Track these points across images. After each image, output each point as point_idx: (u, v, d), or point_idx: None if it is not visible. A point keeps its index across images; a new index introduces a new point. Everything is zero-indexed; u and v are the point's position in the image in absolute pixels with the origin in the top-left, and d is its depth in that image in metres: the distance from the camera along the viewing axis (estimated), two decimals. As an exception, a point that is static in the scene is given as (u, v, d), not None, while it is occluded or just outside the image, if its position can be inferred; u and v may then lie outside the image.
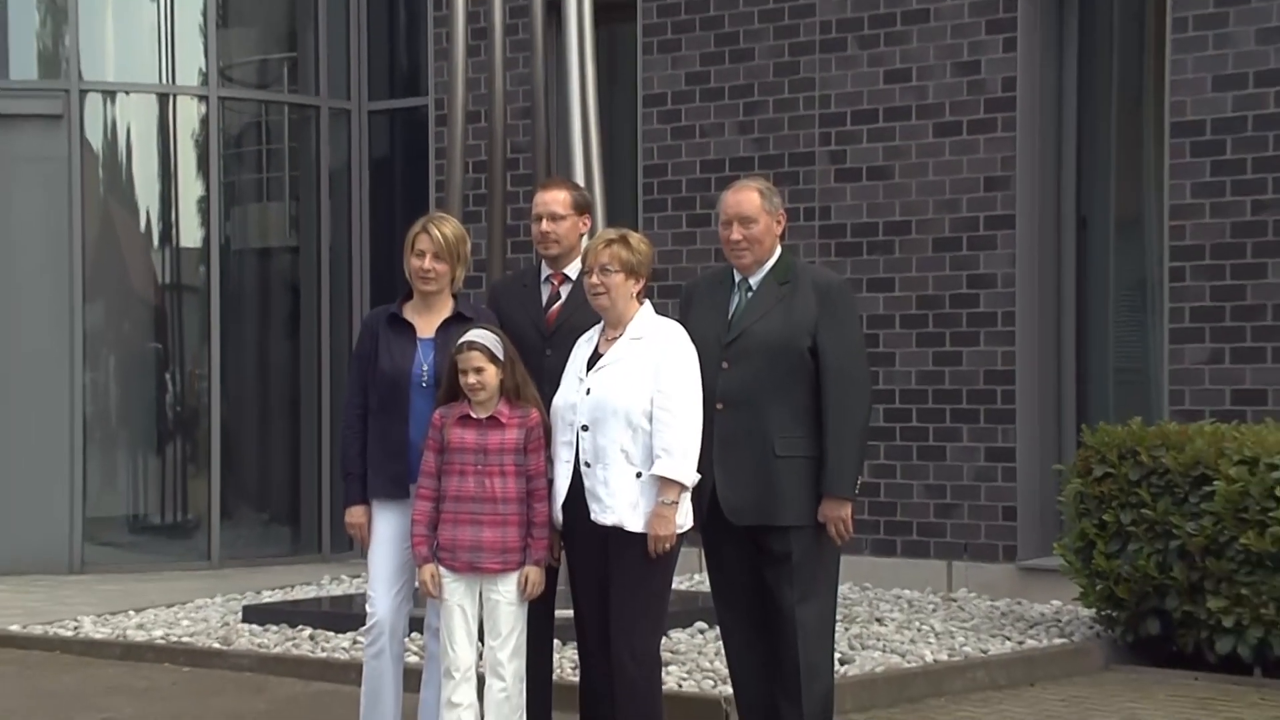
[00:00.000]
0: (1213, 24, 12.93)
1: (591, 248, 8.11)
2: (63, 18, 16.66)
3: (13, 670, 11.83)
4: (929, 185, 14.02)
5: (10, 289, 16.54)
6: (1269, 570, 10.61)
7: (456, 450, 8.02)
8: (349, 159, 17.70)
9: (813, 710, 8.17)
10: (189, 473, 17.08)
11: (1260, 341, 12.71)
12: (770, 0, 14.71)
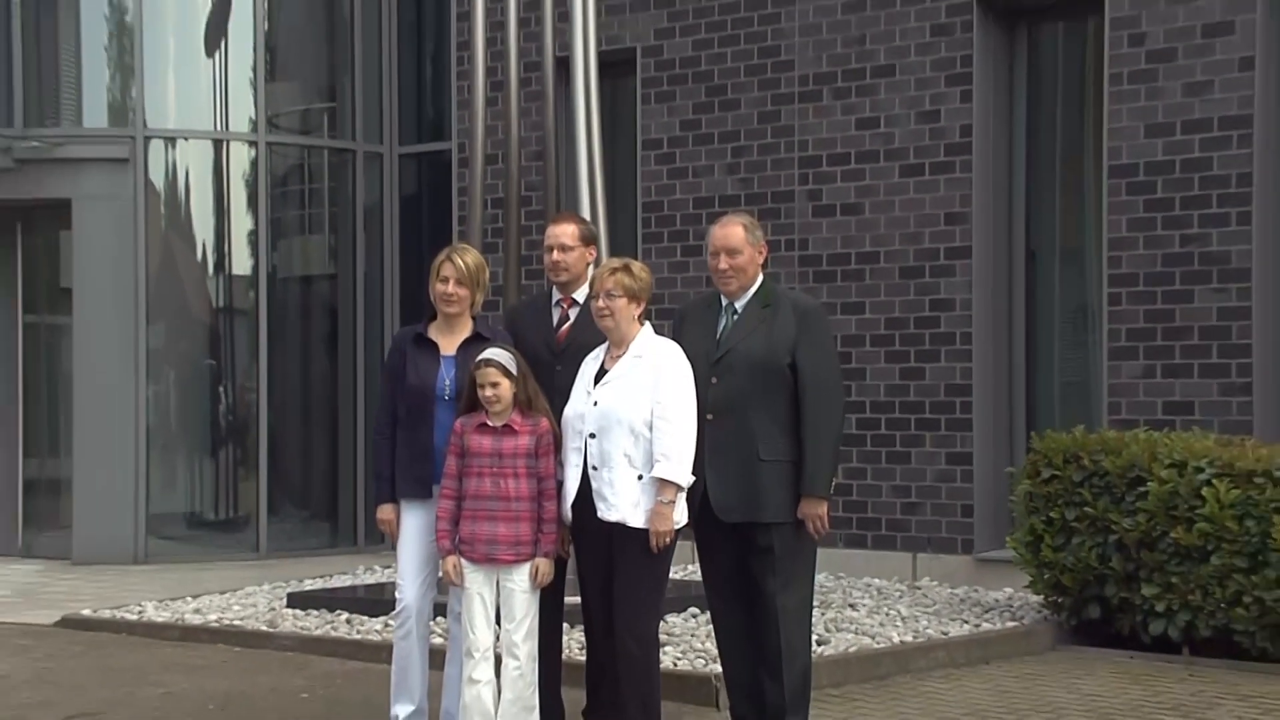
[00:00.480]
0: (1145, 79, 12.94)
1: (598, 275, 8.13)
2: (130, 72, 16.66)
3: (84, 649, 11.83)
4: (895, 220, 14.00)
5: (83, 312, 16.56)
6: (1195, 561, 10.63)
7: (475, 455, 8.04)
8: (381, 197, 17.69)
9: (793, 686, 8.17)
10: (239, 474, 17.07)
11: (1188, 359, 12.71)
12: (754, 56, 14.72)
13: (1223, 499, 10.50)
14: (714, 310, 8.36)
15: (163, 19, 16.82)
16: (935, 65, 13.88)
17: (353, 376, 17.44)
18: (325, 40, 17.69)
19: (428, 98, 17.87)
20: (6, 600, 14.15)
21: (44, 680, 10.81)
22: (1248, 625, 10.53)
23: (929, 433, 13.84)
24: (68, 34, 16.95)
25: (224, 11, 16.99)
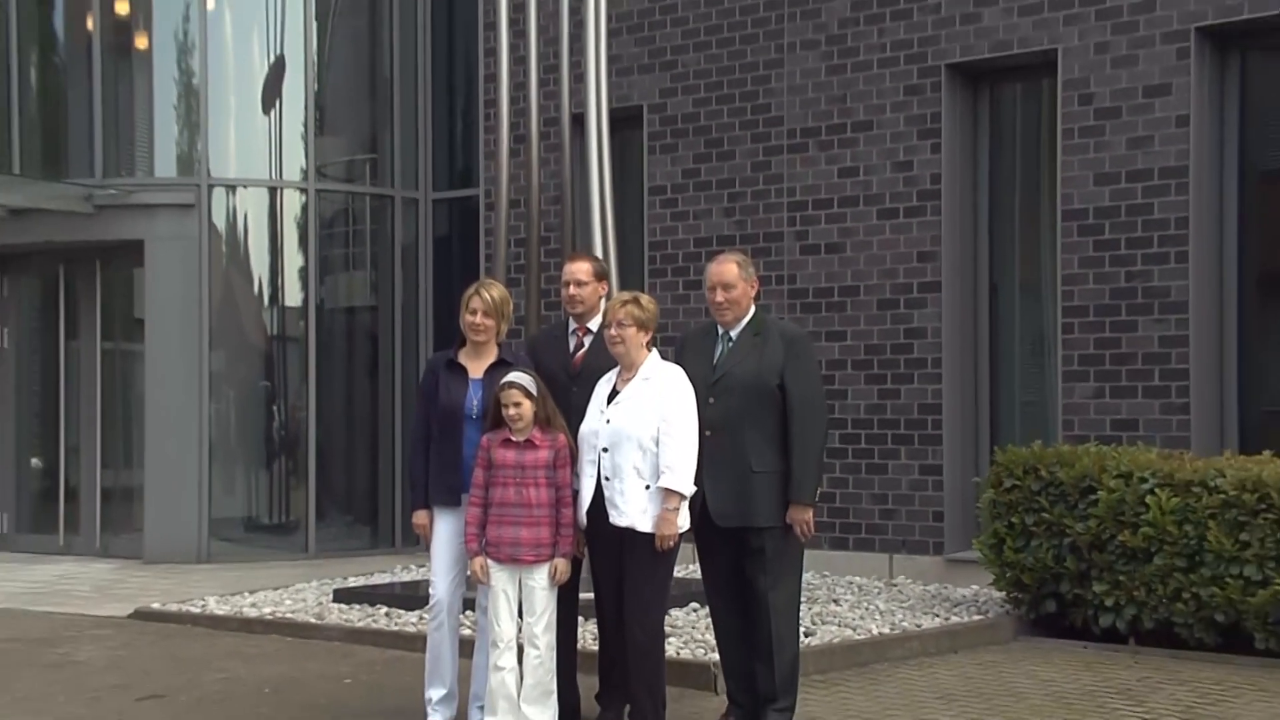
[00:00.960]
0: (1094, 134, 12.93)
1: (610, 307, 8.18)
2: (195, 128, 16.67)
3: (153, 639, 11.81)
4: (873, 258, 13.97)
5: (154, 340, 16.57)
6: (1140, 561, 10.64)
7: (500, 467, 8.05)
8: (417, 237, 17.68)
9: (783, 673, 8.17)
10: (291, 483, 17.04)
11: (1133, 381, 12.69)
12: (748, 112, 14.72)
13: (1164, 506, 10.51)
14: (711, 338, 8.37)
15: (224, 80, 16.84)
16: (908, 121, 13.87)
17: (391, 396, 17.42)
18: (367, 98, 17.69)
19: (458, 149, 17.86)
20: (86, 595, 14.14)
21: (118, 666, 10.81)
22: (1186, 618, 10.53)
23: (904, 447, 13.80)
24: (142, 94, 16.98)
25: (278, 73, 17.01)
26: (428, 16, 17.79)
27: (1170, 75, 12.66)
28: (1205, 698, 9.25)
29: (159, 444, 16.49)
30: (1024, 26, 13.37)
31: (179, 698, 9.65)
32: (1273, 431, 12.20)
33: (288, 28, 17.01)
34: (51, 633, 12.24)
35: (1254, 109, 12.85)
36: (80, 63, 17.11)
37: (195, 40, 16.79)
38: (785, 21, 14.56)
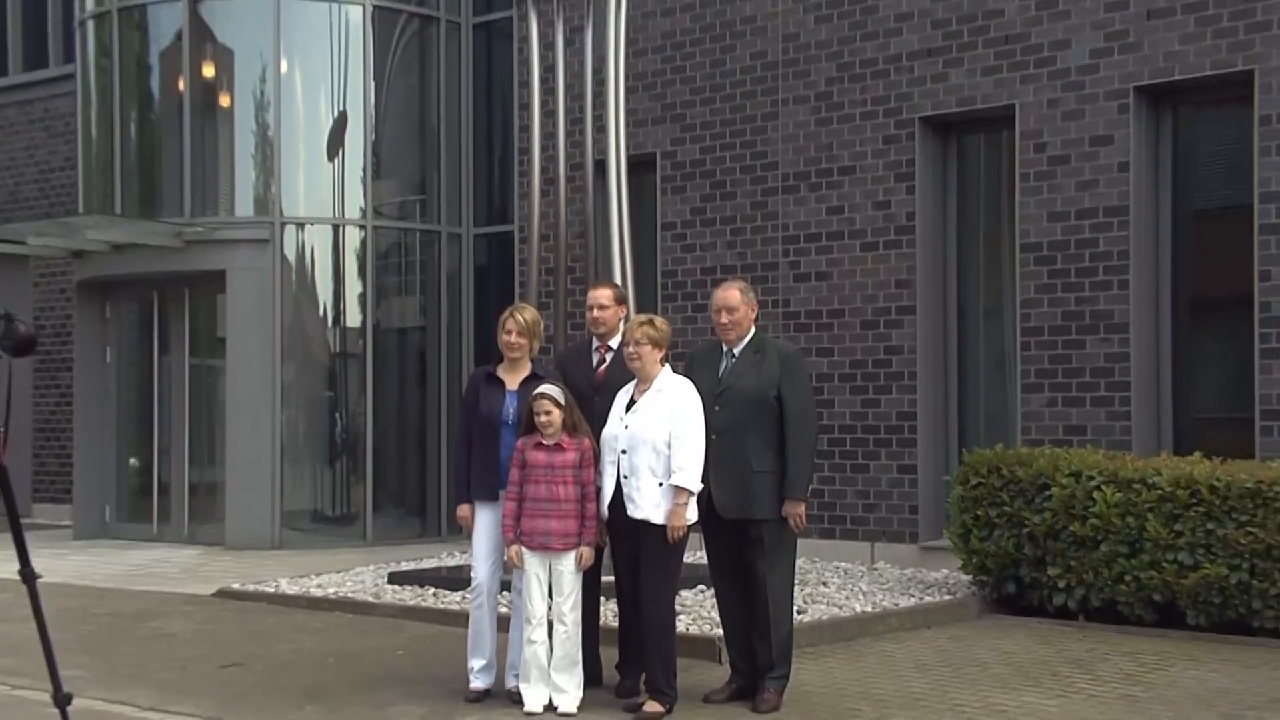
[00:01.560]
0: (1047, 177, 12.89)
1: (629, 327, 8.23)
2: (270, 173, 16.66)
3: (232, 615, 11.81)
4: (857, 285, 13.93)
5: (234, 356, 16.57)
6: (1088, 548, 10.64)
7: (533, 467, 8.09)
8: (460, 267, 17.66)
9: (779, 646, 8.19)
10: (351, 480, 17.01)
11: (1081, 392, 12.66)
12: (747, 158, 14.68)
13: (1109, 501, 10.54)
14: (717, 355, 8.40)
15: (295, 132, 16.83)
16: (886, 166, 13.83)
17: (438, 405, 17.39)
18: (417, 147, 17.67)
19: (496, 191, 17.84)
20: (176, 577, 14.12)
21: (203, 638, 10.81)
22: (1128, 598, 10.54)
23: (883, 449, 13.75)
24: (224, 145, 16.99)
25: (341, 126, 17.01)
26: (470, 75, 17.82)
27: (1112, 127, 12.63)
28: (1144, 666, 9.25)
29: (238, 446, 16.49)
30: (986, 85, 13.32)
31: (255, 666, 9.64)
32: (1203, 436, 12.17)
33: (349, 86, 17.02)
34: (146, 609, 12.24)
35: (1184, 156, 12.81)
36: (173, 118, 17.12)
37: (270, 98, 16.81)
38: (779, 80, 14.54)
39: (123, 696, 8.65)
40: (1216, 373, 12.64)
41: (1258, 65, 11.97)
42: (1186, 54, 12.32)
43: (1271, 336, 11.84)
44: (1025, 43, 13.11)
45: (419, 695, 8.55)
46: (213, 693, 8.76)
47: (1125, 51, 12.60)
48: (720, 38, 14.97)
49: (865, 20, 14.04)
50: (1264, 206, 11.91)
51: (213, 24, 17.00)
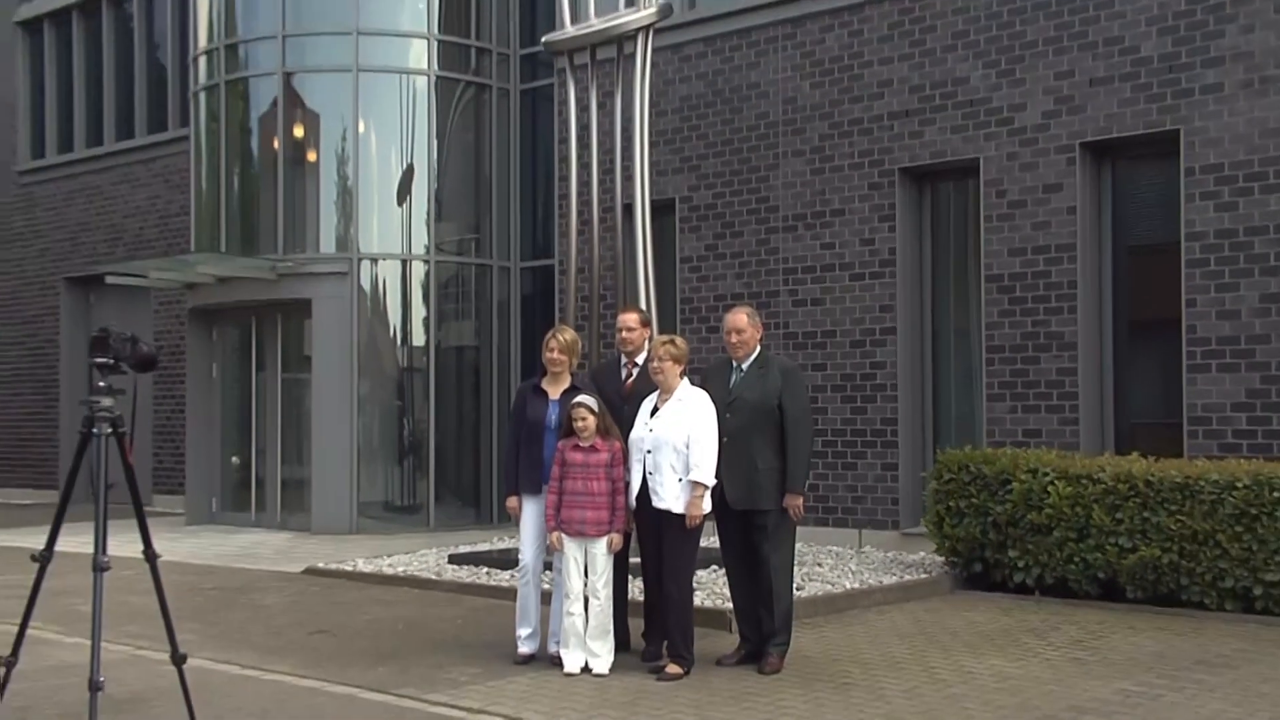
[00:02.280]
0: (1006, 219, 12.86)
1: (653, 346, 8.29)
2: (349, 217, 16.69)
3: (319, 589, 11.81)
4: (847, 310, 13.90)
5: (319, 371, 16.58)
6: (1043, 534, 10.61)
7: (571, 465, 8.10)
8: (508, 295, 17.66)
9: (780, 616, 8.20)
10: (417, 476, 16.99)
11: (1037, 402, 12.62)
12: (752, 202, 14.66)
13: (1060, 493, 10.53)
14: (727, 370, 8.40)
15: (370, 182, 16.86)
16: (871, 209, 13.79)
17: (490, 412, 17.37)
18: (472, 194, 17.68)
19: (539, 229, 17.85)
20: (270, 557, 14.14)
21: (294, 609, 10.81)
22: (1077, 576, 10.51)
23: (869, 450, 13.71)
24: (311, 193, 17.01)
25: (409, 176, 17.03)
26: (517, 133, 17.83)
27: (1062, 177, 12.58)
28: (1090, 633, 9.24)
29: (321, 446, 16.50)
30: (955, 141, 13.28)
31: (337, 632, 9.64)
32: (1139, 438, 12.12)
33: (416, 143, 17.04)
34: (246, 584, 12.27)
35: (1122, 201, 12.75)
36: (269, 171, 17.16)
37: (349, 154, 16.83)
38: (779, 136, 14.52)
39: (228, 657, 8.68)
40: (1150, 384, 12.57)
41: (1183, 126, 11.95)
42: (1124, 115, 12.29)
43: (1196, 354, 11.79)
44: (987, 105, 13.08)
45: (475, 658, 8.54)
46: (302, 655, 8.77)
47: (1072, 113, 12.58)
48: (729, 101, 14.96)
49: (852, 86, 14.02)
50: (1189, 244, 11.87)
51: (303, 93, 17.07)
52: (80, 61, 23.16)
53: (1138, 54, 12.23)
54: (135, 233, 21.81)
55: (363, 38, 16.78)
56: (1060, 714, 6.95)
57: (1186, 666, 8.13)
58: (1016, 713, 6.98)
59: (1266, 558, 9.62)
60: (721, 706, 7.18)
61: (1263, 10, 11.56)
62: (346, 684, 7.87)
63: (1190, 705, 7.14)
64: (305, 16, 17.00)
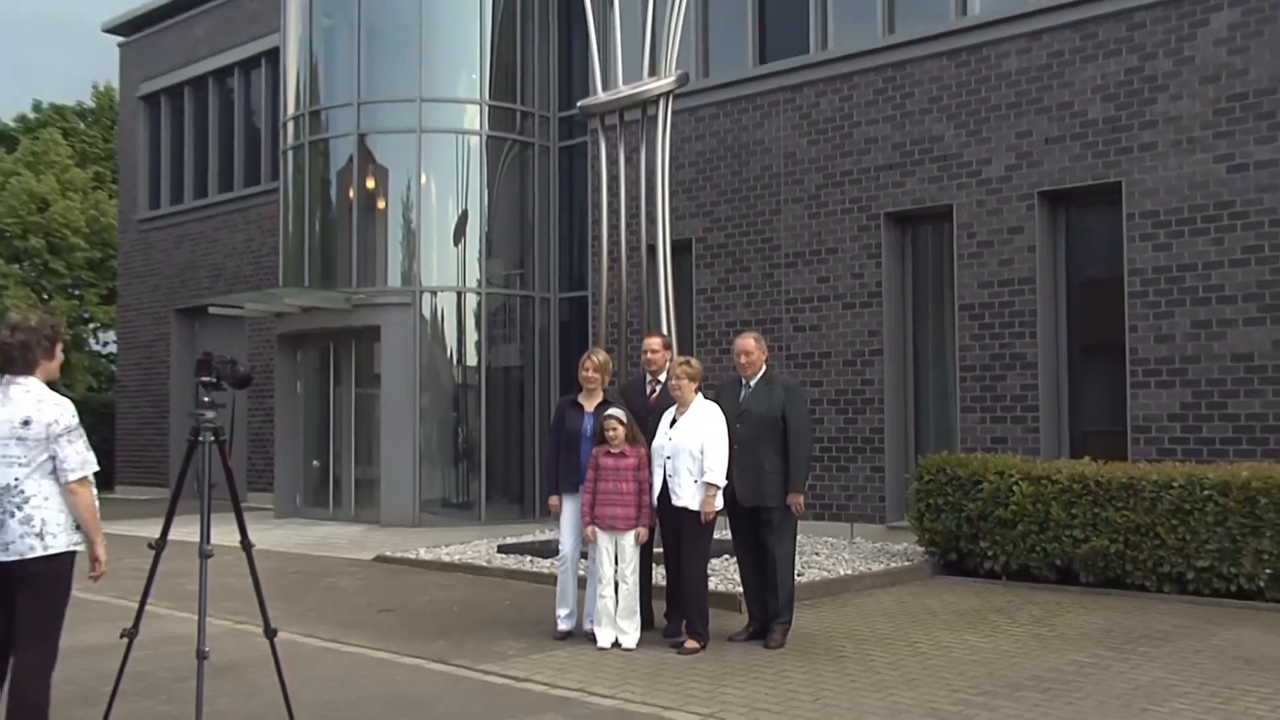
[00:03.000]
0: (976, 257, 12.84)
1: (672, 366, 8.30)
2: (413, 255, 16.77)
3: (387, 575, 11.80)
4: (840, 334, 13.89)
5: (387, 387, 16.62)
6: (1009, 527, 10.57)
7: (603, 468, 8.09)
8: (549, 321, 17.69)
9: (784, 599, 8.18)
10: (470, 477, 17.00)
11: (1004, 413, 12.57)
12: (758, 242, 14.66)
13: (1024, 493, 10.50)
14: (737, 386, 8.38)
15: (431, 225, 16.91)
16: (861, 248, 13.79)
17: (534, 422, 17.37)
18: (517, 235, 17.71)
19: (575, 266, 17.89)
20: (345, 546, 14.14)
21: (365, 590, 10.81)
22: (1038, 563, 10.48)
23: (860, 455, 13.67)
24: (380, 235, 17.08)
25: (463, 221, 17.06)
26: (555, 183, 17.85)
27: (1023, 221, 12.56)
28: (1049, 612, 9.19)
29: (389, 451, 16.52)
30: (932, 190, 13.27)
31: (402, 611, 9.65)
32: (1090, 444, 12.10)
33: (469, 192, 17.08)
34: (324, 569, 12.27)
35: (1073, 242, 12.71)
36: (345, 217, 17.23)
37: (413, 201, 16.91)
38: (781, 186, 14.52)
39: (310, 631, 8.70)
40: (1099, 398, 12.50)
41: (1124, 178, 11.95)
42: (1074, 169, 12.27)
43: (1138, 372, 11.75)
44: (959, 160, 13.07)
45: (520, 634, 8.53)
46: (373, 630, 8.78)
47: (1031, 167, 12.56)
48: (738, 155, 14.97)
49: (843, 143, 14.02)
50: (1131, 279, 11.85)
51: (374, 151, 17.13)
52: (190, 127, 23.42)
53: (1085, 117, 12.24)
54: (233, 270, 21.95)
55: (425, 104, 16.87)
56: (1023, 682, 6.92)
57: (1131, 640, 8.10)
58: (986, 681, 6.95)
59: (1198, 546, 9.60)
60: (733, 677, 7.16)
61: (1189, 82, 11.60)
62: (412, 655, 7.88)
63: (1133, 674, 7.12)
64: (377, 87, 17.10)
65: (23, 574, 4.98)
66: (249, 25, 22.07)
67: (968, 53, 13.09)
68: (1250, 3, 11.30)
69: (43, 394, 5.09)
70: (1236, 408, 11.21)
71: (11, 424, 5.00)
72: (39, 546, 4.96)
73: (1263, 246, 11.12)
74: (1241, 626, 8.59)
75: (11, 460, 4.99)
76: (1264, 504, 9.31)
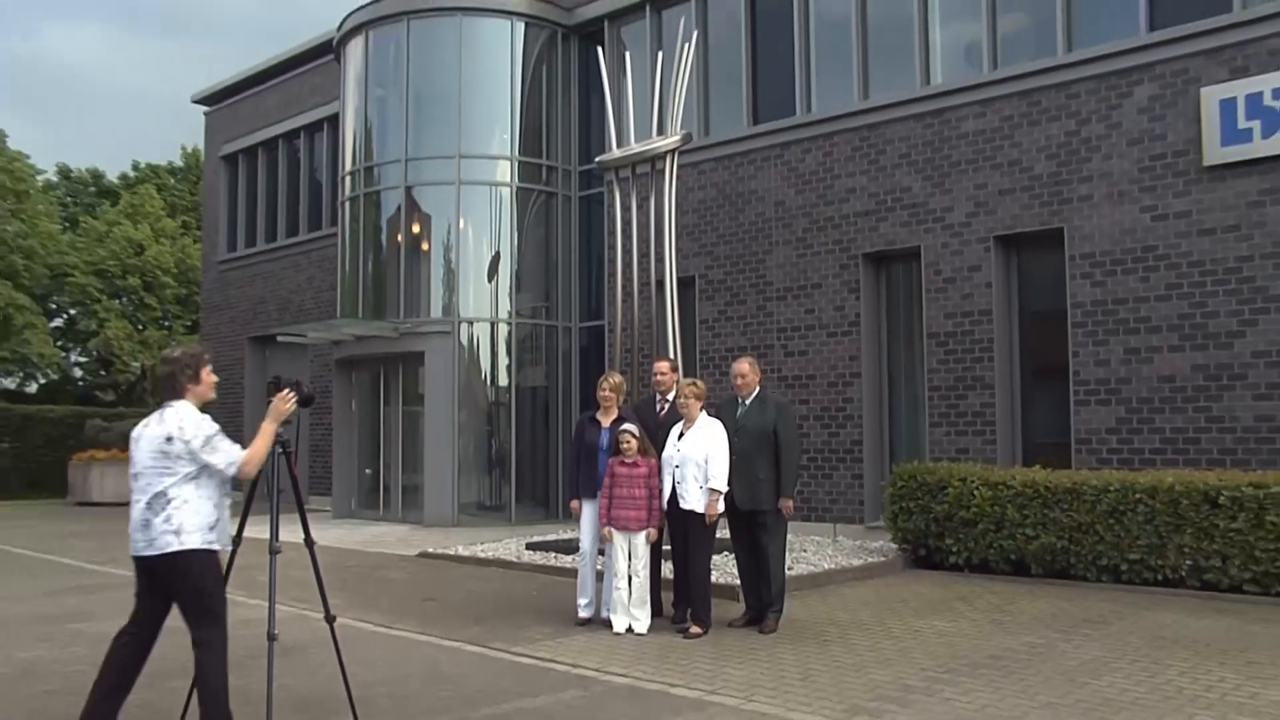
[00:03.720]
0: (942, 292, 12.82)
1: (680, 386, 8.25)
2: (453, 290, 16.78)
3: (430, 569, 11.76)
4: (824, 358, 13.86)
5: (430, 405, 16.57)
6: (971, 526, 10.54)
7: (618, 476, 8.04)
8: (570, 348, 17.67)
9: (776, 590, 8.13)
10: (502, 482, 16.95)
11: (967, 428, 12.52)
12: (753, 279, 14.66)
13: (984, 496, 10.48)
14: (735, 404, 8.32)
15: (468, 264, 16.93)
16: (842, 283, 13.77)
17: (557, 436, 17.34)
18: (543, 273, 17.71)
19: (592, 298, 17.90)
20: (393, 543, 14.11)
21: (412, 582, 10.77)
22: (995, 557, 10.44)
23: (842, 464, 13.62)
24: (424, 273, 17.10)
25: (496, 260, 17.06)
26: (576, 227, 17.85)
27: (980, 260, 12.54)
28: (1006, 600, 9.14)
29: (431, 460, 16.49)
30: (903, 233, 13.26)
31: (445, 600, 9.61)
32: (1040, 454, 12.04)
33: (501, 235, 17.08)
34: (376, 563, 12.24)
35: (1025, 279, 12.67)
36: (394, 257, 17.26)
37: (453, 243, 16.92)
38: (772, 229, 14.53)
39: (364, 617, 8.67)
40: (1047, 414, 12.46)
41: (1065, 224, 11.96)
42: (1024, 216, 12.27)
43: (1080, 392, 11.73)
44: (926, 207, 13.06)
45: (546, 620, 8.50)
46: (418, 616, 8.75)
47: (987, 214, 12.55)
48: (735, 203, 14.98)
49: (826, 193, 14.03)
50: (1073, 311, 11.84)
51: (420, 201, 17.16)
52: (262, 182, 23.61)
53: (1033, 172, 12.25)
54: (298, 304, 22.01)
55: (463, 160, 16.90)
56: (983, 660, 6.88)
57: (1074, 624, 8.07)
58: (951, 660, 6.91)
59: (1130, 542, 9.61)
60: (732, 658, 7.13)
61: (1118, 144, 11.68)
62: (451, 638, 7.86)
63: (1076, 653, 7.09)
64: (421, 145, 17.14)
65: (164, 567, 5.04)
66: (312, 95, 22.26)
67: (932, 116, 13.12)
68: (1165, 79, 11.41)
69: (185, 415, 5.17)
70: (1162, 422, 11.20)
71: (159, 440, 5.11)
72: (175, 543, 5.03)
73: (1182, 284, 11.18)
74: (1166, 611, 8.58)
75: (161, 471, 5.09)
76: (1185, 505, 9.34)
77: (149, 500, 5.07)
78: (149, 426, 5.21)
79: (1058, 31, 12.27)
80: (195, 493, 5.13)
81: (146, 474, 5.11)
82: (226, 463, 5.17)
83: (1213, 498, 9.24)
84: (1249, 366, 10.74)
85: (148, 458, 5.12)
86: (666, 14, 16.18)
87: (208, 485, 5.16)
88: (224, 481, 5.23)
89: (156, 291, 35.07)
